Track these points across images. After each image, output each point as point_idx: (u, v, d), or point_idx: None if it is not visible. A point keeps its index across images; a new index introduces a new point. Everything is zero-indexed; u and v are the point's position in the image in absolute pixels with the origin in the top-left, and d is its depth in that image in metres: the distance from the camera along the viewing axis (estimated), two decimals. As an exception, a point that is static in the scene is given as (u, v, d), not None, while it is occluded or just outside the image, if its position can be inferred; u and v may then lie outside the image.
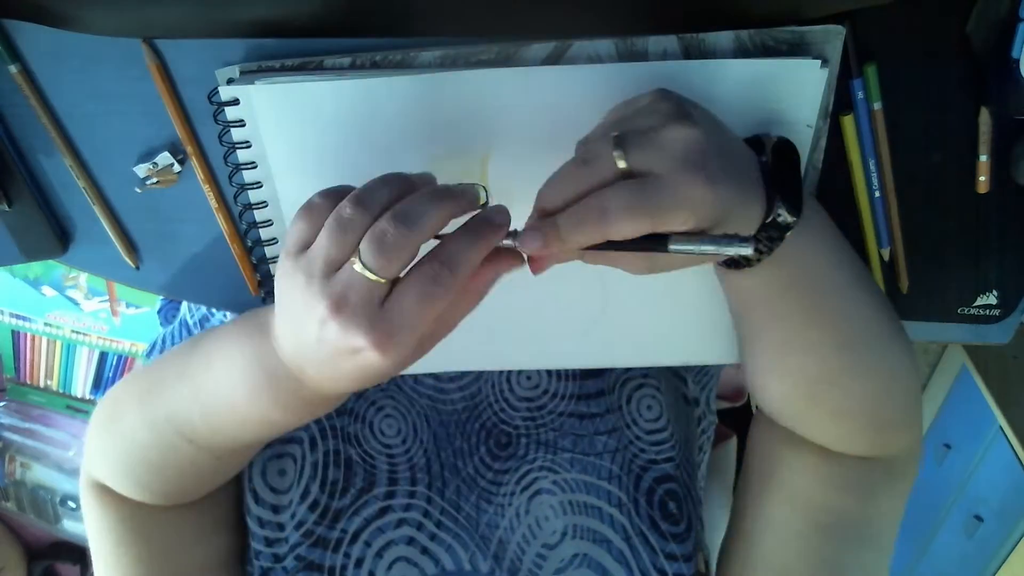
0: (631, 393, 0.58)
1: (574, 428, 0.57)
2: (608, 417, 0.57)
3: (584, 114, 0.44)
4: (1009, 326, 0.56)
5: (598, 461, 0.55)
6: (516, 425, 0.58)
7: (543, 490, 0.54)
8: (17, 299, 1.26)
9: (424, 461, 0.56)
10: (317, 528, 0.52)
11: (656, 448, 0.56)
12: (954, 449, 1.46)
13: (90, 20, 0.45)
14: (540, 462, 0.56)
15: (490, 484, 0.56)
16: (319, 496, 0.53)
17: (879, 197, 0.50)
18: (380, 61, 0.45)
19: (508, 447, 0.58)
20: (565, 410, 0.58)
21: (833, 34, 0.43)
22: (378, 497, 0.54)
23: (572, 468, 0.55)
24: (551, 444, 0.57)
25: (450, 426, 0.59)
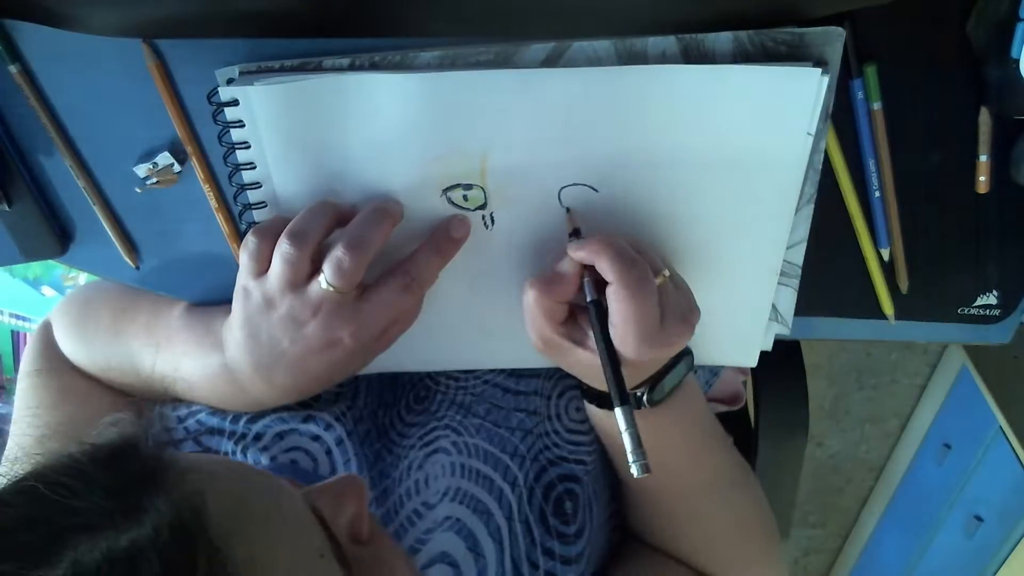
0: (565, 390, 0.56)
1: (494, 398, 0.56)
2: (533, 398, 0.55)
3: (583, 117, 0.44)
4: (1009, 326, 0.56)
5: (507, 435, 0.53)
6: (438, 381, 0.57)
7: (441, 449, 0.53)
8: (17, 299, 1.26)
9: (352, 392, 0.55)
10: None
11: (572, 447, 0.54)
12: (954, 449, 1.46)
13: (90, 20, 0.45)
14: (448, 420, 0.54)
15: (397, 435, 0.55)
16: None
17: (879, 197, 0.50)
18: (379, 62, 0.45)
19: (424, 401, 0.57)
20: (492, 380, 0.57)
21: (833, 36, 0.43)
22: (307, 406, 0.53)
23: (477, 434, 0.53)
24: (465, 406, 0.55)
25: (385, 378, 0.58)
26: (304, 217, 0.45)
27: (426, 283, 0.47)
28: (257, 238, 0.45)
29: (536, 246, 0.50)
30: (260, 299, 0.46)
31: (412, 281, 0.46)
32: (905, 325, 0.56)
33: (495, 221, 0.49)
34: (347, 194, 0.48)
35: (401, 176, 0.47)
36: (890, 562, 1.66)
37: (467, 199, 0.48)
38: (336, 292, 0.44)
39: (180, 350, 0.52)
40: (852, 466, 1.75)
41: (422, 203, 0.48)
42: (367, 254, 0.44)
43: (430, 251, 0.47)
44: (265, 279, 0.45)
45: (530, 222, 0.49)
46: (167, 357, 0.53)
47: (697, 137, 0.45)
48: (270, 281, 0.45)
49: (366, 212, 0.46)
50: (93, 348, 0.58)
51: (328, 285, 0.44)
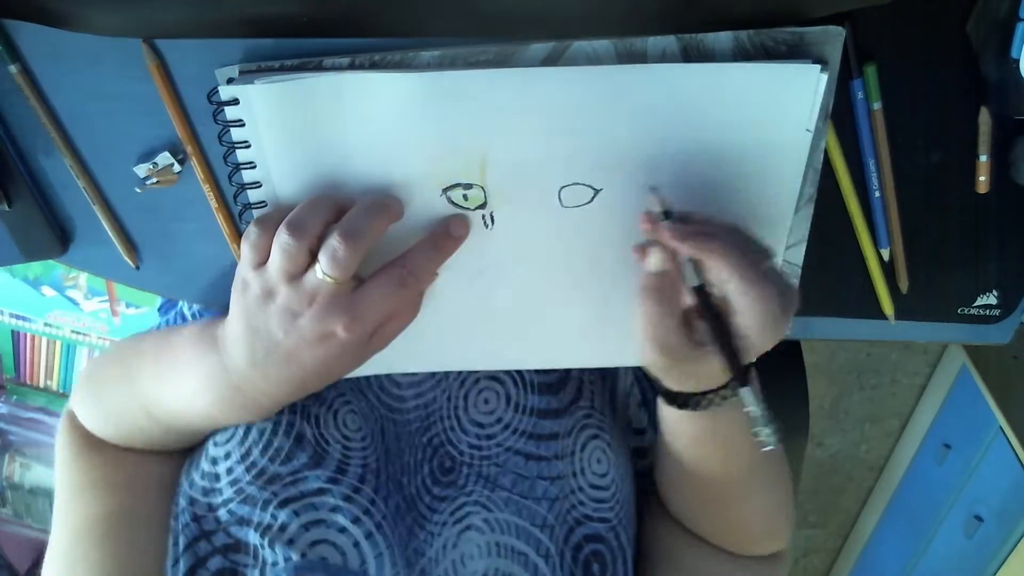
0: (586, 442, 0.57)
1: (518, 467, 0.55)
2: (555, 463, 0.55)
3: (583, 116, 0.44)
4: (1009, 326, 0.56)
5: (535, 506, 0.53)
6: (461, 451, 0.57)
7: (473, 526, 0.52)
8: (17, 299, 1.26)
9: (375, 466, 0.55)
10: (249, 487, 0.51)
11: (595, 504, 0.55)
12: (954, 449, 1.46)
13: (90, 20, 0.45)
14: (476, 496, 0.54)
15: (427, 509, 0.55)
16: (258, 459, 0.51)
17: (879, 197, 0.50)
18: (379, 61, 0.45)
19: (450, 473, 0.56)
20: (513, 446, 0.56)
21: (833, 35, 0.43)
22: (320, 478, 0.51)
23: (506, 508, 0.53)
24: (491, 479, 0.55)
25: (402, 439, 0.58)
26: (303, 208, 0.45)
27: (423, 279, 0.47)
28: (259, 228, 0.45)
29: (536, 245, 0.50)
30: (258, 290, 0.45)
31: (408, 275, 0.46)
32: (905, 325, 0.56)
33: (495, 220, 0.49)
34: (347, 193, 0.48)
35: (401, 175, 0.47)
36: (890, 562, 1.66)
37: (467, 198, 0.48)
38: (332, 282, 0.43)
39: (179, 363, 0.52)
40: (852, 466, 1.75)
41: (422, 202, 0.48)
42: (363, 244, 0.44)
43: (428, 247, 0.47)
44: (264, 270, 0.45)
45: (530, 221, 0.49)
46: (168, 378, 0.52)
47: (697, 136, 0.45)
48: (268, 272, 0.45)
49: (363, 203, 0.45)
50: (108, 408, 0.57)
51: (323, 274, 0.43)
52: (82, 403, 0.59)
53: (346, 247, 0.43)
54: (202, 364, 0.50)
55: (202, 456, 0.54)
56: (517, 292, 0.52)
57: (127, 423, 0.56)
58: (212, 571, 0.49)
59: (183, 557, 0.50)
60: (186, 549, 0.50)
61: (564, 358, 0.56)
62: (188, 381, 0.51)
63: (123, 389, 0.56)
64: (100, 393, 0.58)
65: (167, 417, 0.53)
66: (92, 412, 0.58)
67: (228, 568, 0.49)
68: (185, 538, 0.50)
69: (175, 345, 0.53)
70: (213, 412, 0.51)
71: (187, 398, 0.51)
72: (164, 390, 0.53)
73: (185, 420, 0.53)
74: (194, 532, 0.50)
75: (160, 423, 0.54)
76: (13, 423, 1.34)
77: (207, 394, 0.50)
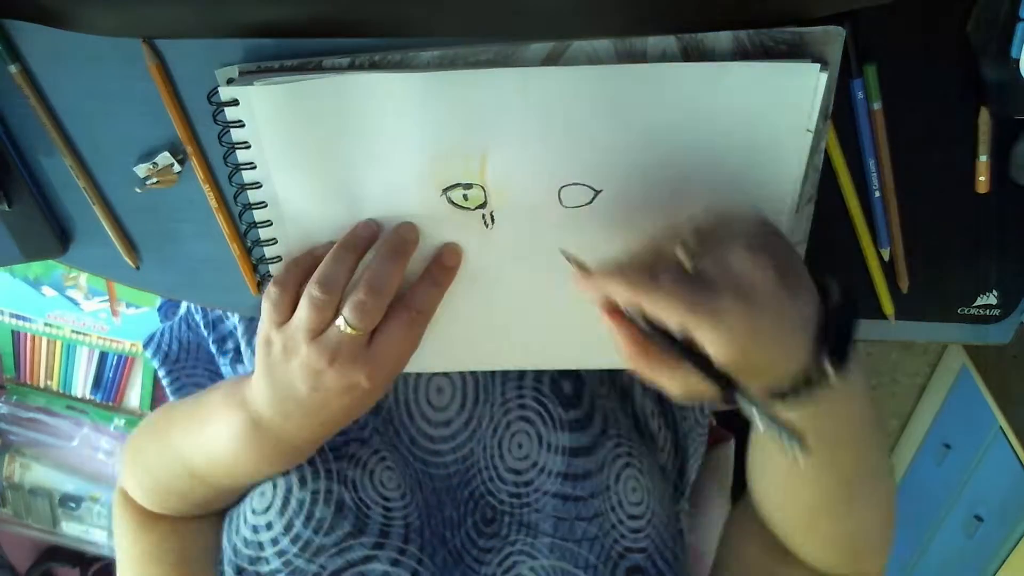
0: (620, 472, 0.57)
1: (557, 510, 0.56)
2: (592, 502, 0.56)
3: (583, 115, 0.44)
4: (1009, 326, 0.56)
5: (576, 548, 0.54)
6: (501, 500, 0.58)
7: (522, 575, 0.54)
8: (17, 299, 1.26)
9: (418, 524, 0.55)
10: (297, 560, 0.51)
11: (633, 536, 0.56)
12: (954, 449, 1.46)
13: (90, 20, 0.45)
14: (520, 545, 0.55)
15: (474, 561, 0.55)
16: (302, 531, 0.52)
17: (879, 197, 0.50)
18: (379, 61, 0.45)
19: (492, 523, 0.57)
20: (550, 490, 0.57)
21: (833, 35, 0.43)
22: (365, 545, 0.52)
23: (551, 554, 0.54)
24: (532, 526, 0.56)
25: (441, 493, 0.58)
26: (330, 264, 0.46)
27: (429, 314, 0.49)
28: (279, 289, 0.47)
29: (536, 244, 0.50)
30: (280, 348, 0.46)
31: (417, 315, 0.48)
32: (905, 325, 0.56)
33: (495, 220, 0.49)
34: (347, 194, 0.48)
35: (401, 176, 0.47)
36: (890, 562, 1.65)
37: (467, 198, 0.48)
38: (353, 333, 0.45)
39: (212, 423, 0.52)
40: (852, 466, 1.74)
41: (422, 203, 0.48)
42: (388, 294, 0.46)
43: (429, 284, 0.49)
44: (287, 327, 0.46)
45: (530, 221, 0.49)
46: (204, 439, 0.53)
47: (697, 135, 0.45)
48: (292, 329, 0.46)
49: (385, 251, 0.47)
50: (155, 476, 0.58)
51: (347, 327, 0.45)
52: (131, 477, 0.60)
53: (373, 301, 0.45)
54: (234, 423, 0.50)
55: (241, 521, 0.54)
56: (517, 292, 0.52)
57: (175, 489, 0.57)
58: None
59: None
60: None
61: (565, 358, 0.55)
62: (226, 445, 0.51)
63: (166, 457, 0.56)
64: (144, 464, 0.59)
65: (213, 478, 0.54)
66: (140, 484, 0.60)
67: None
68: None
69: (205, 411, 0.54)
70: (259, 467, 0.52)
71: (229, 459, 0.52)
72: (205, 456, 0.53)
73: (231, 478, 0.54)
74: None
75: (206, 484, 0.55)
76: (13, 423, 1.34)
77: (247, 452, 0.50)
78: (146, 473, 0.59)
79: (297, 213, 0.49)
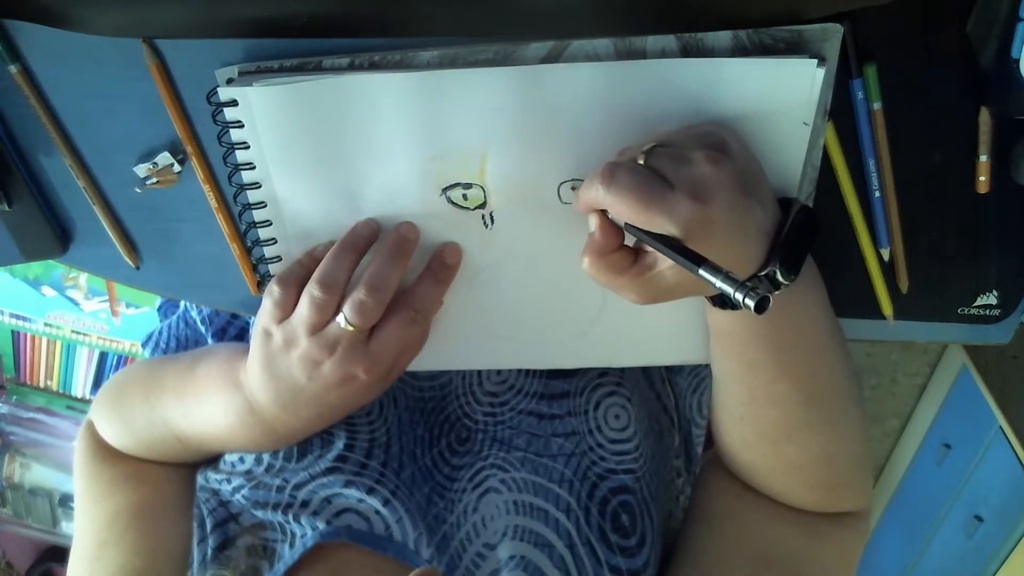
0: (600, 400, 0.57)
1: (531, 427, 0.56)
2: (568, 420, 0.56)
3: (582, 112, 0.44)
4: (1009, 326, 0.56)
5: (551, 463, 0.54)
6: (476, 420, 0.58)
7: (492, 488, 0.53)
8: (17, 299, 1.26)
9: (385, 439, 0.55)
10: (263, 477, 0.53)
11: (618, 458, 0.54)
12: (954, 449, 1.46)
13: (90, 20, 0.45)
14: (492, 459, 0.55)
15: (444, 479, 0.55)
16: (272, 461, 0.53)
17: (879, 197, 0.50)
18: (379, 61, 0.45)
19: (467, 442, 0.57)
20: (525, 408, 0.57)
21: (831, 32, 0.43)
22: (327, 459, 0.53)
23: (523, 467, 0.54)
24: (506, 441, 0.56)
25: (415, 412, 0.59)
26: (330, 263, 0.47)
27: (430, 313, 0.50)
28: (281, 287, 0.48)
29: (536, 244, 0.50)
30: (281, 341, 0.48)
31: (416, 314, 0.48)
32: (905, 325, 0.56)
33: (495, 220, 0.49)
34: (346, 194, 0.48)
35: (400, 176, 0.47)
36: (890, 562, 1.66)
37: (466, 198, 0.48)
38: (353, 331, 0.46)
39: (206, 401, 0.53)
40: (852, 466, 1.75)
41: (421, 203, 0.48)
42: (388, 294, 0.47)
43: (430, 282, 0.50)
44: (288, 322, 0.47)
45: (530, 220, 0.49)
46: (197, 414, 0.54)
47: None
48: (292, 324, 0.47)
49: (385, 251, 0.48)
50: (135, 429, 0.59)
51: (347, 324, 0.46)
52: (106, 424, 0.61)
53: (373, 300, 0.46)
54: (229, 405, 0.52)
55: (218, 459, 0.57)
56: (517, 292, 0.52)
57: (155, 440, 0.59)
58: (242, 548, 0.50)
59: (211, 536, 0.51)
60: (214, 529, 0.52)
61: (565, 357, 0.55)
62: (217, 419, 0.53)
63: (152, 420, 0.58)
64: (125, 418, 0.60)
65: (202, 447, 0.56)
66: (117, 433, 0.61)
67: (259, 544, 0.50)
68: (213, 520, 0.52)
69: (199, 382, 0.55)
70: (246, 444, 0.53)
71: (223, 436, 0.53)
72: (197, 428, 0.55)
73: (216, 447, 0.56)
74: (222, 515, 0.52)
75: (189, 447, 0.57)
76: (13, 423, 1.34)
77: (239, 430, 0.52)
78: (127, 424, 0.60)
79: (296, 213, 0.49)
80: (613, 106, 0.44)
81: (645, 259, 0.42)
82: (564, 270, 0.50)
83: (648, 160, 0.40)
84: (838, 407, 0.51)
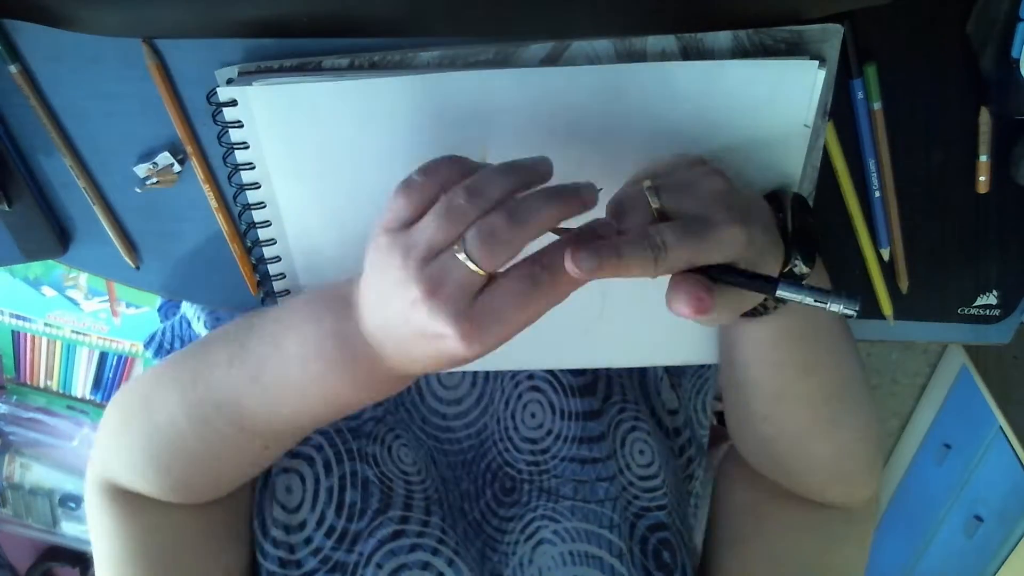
0: (624, 436, 0.58)
1: (575, 474, 0.56)
2: (608, 463, 0.57)
3: (582, 115, 0.44)
4: (1009, 326, 0.56)
5: (599, 509, 0.55)
6: (520, 469, 0.58)
7: (545, 540, 0.54)
8: (17, 299, 1.26)
9: (436, 496, 0.56)
10: (335, 553, 0.51)
11: (649, 495, 0.56)
12: (954, 449, 1.46)
13: (90, 20, 0.45)
14: (542, 510, 0.55)
15: (495, 531, 0.56)
16: (335, 521, 0.52)
17: (879, 197, 0.50)
18: (379, 62, 0.45)
19: (512, 493, 0.58)
20: (567, 455, 0.57)
21: (831, 32, 0.43)
22: (393, 520, 0.52)
23: (573, 516, 0.54)
24: (553, 492, 0.56)
25: (457, 468, 0.59)
26: (489, 175, 0.37)
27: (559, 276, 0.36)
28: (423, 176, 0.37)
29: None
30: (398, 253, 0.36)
31: (543, 271, 0.36)
32: (905, 325, 0.56)
33: (495, 221, 0.49)
34: (345, 195, 0.48)
35: (400, 177, 0.47)
36: (890, 562, 1.66)
37: (467, 199, 0.48)
38: (468, 270, 0.35)
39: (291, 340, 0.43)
40: (852, 466, 1.75)
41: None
42: (529, 232, 0.35)
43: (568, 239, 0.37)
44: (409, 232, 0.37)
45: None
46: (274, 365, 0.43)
47: (696, 133, 0.45)
48: (412, 235, 0.36)
49: (550, 191, 0.37)
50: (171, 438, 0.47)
51: (466, 256, 0.35)
52: (121, 457, 0.50)
53: (509, 227, 0.35)
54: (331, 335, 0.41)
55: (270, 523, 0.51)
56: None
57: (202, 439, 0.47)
58: None
59: None
60: None
61: (566, 357, 0.55)
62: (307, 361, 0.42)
63: (191, 406, 0.46)
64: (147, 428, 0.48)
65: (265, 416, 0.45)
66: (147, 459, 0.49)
67: None
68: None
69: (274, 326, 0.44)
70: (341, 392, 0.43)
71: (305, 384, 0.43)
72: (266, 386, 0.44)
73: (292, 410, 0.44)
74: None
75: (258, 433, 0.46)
76: (13, 423, 1.34)
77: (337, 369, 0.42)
78: (152, 438, 0.48)
79: (296, 214, 0.49)
80: (613, 108, 0.44)
81: None
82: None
83: (662, 202, 0.37)
84: (856, 399, 0.51)
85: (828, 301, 0.36)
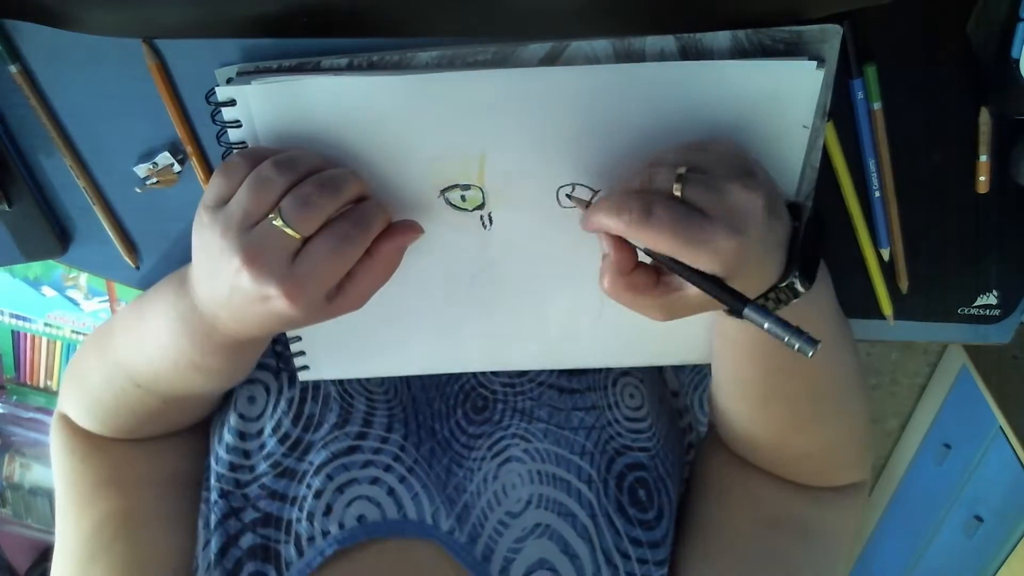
0: (617, 377, 0.58)
1: (552, 400, 0.56)
2: (588, 395, 0.56)
3: (581, 115, 0.44)
4: (1009, 326, 0.56)
5: (572, 435, 0.54)
6: (494, 390, 0.58)
7: (513, 457, 0.54)
8: (17, 299, 1.26)
9: (402, 415, 0.56)
10: (285, 460, 0.52)
11: (633, 436, 0.55)
12: (954, 449, 1.46)
13: (90, 20, 0.45)
14: (514, 429, 0.55)
15: (463, 448, 0.55)
16: (291, 429, 0.53)
17: (879, 197, 0.50)
18: (377, 62, 0.45)
19: (484, 411, 0.57)
20: (546, 381, 0.58)
21: (831, 33, 0.43)
22: (349, 435, 0.53)
23: (545, 439, 0.54)
24: (527, 412, 0.56)
25: (430, 389, 0.59)
26: (298, 153, 0.42)
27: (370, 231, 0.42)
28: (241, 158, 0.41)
29: (535, 246, 0.50)
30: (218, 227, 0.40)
31: (353, 227, 0.41)
32: (905, 325, 0.56)
33: (493, 221, 0.49)
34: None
35: (398, 177, 0.47)
36: (890, 562, 1.66)
37: (465, 200, 0.48)
38: (284, 234, 0.39)
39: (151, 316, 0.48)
40: (852, 466, 1.75)
41: (419, 204, 0.48)
42: (339, 198, 0.40)
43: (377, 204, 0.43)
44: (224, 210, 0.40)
45: (529, 222, 0.49)
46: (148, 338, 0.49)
47: (695, 133, 0.45)
48: (229, 208, 0.40)
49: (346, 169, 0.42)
50: (97, 394, 0.54)
51: (282, 222, 0.39)
52: (72, 403, 0.57)
53: (320, 194, 0.39)
54: (174, 309, 0.46)
55: (226, 431, 0.54)
56: (515, 293, 0.52)
57: (121, 405, 0.53)
58: (244, 548, 0.49)
59: (214, 536, 0.50)
60: (216, 527, 0.50)
61: (565, 359, 0.55)
62: (163, 332, 0.47)
63: (107, 370, 0.52)
64: (86, 384, 0.55)
65: (154, 382, 0.50)
66: (84, 407, 0.56)
67: (260, 544, 0.49)
68: (215, 516, 0.50)
69: (145, 301, 0.50)
70: (196, 360, 0.47)
71: (167, 352, 0.47)
72: (143, 350, 0.49)
73: (171, 379, 0.49)
74: (223, 509, 0.51)
75: (152, 392, 0.51)
76: (13, 423, 1.34)
77: (184, 340, 0.46)
78: (91, 394, 0.54)
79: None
80: (612, 109, 0.44)
81: (670, 279, 0.41)
82: (563, 271, 0.50)
83: (684, 191, 0.38)
84: (845, 398, 0.51)
85: (787, 335, 0.36)
